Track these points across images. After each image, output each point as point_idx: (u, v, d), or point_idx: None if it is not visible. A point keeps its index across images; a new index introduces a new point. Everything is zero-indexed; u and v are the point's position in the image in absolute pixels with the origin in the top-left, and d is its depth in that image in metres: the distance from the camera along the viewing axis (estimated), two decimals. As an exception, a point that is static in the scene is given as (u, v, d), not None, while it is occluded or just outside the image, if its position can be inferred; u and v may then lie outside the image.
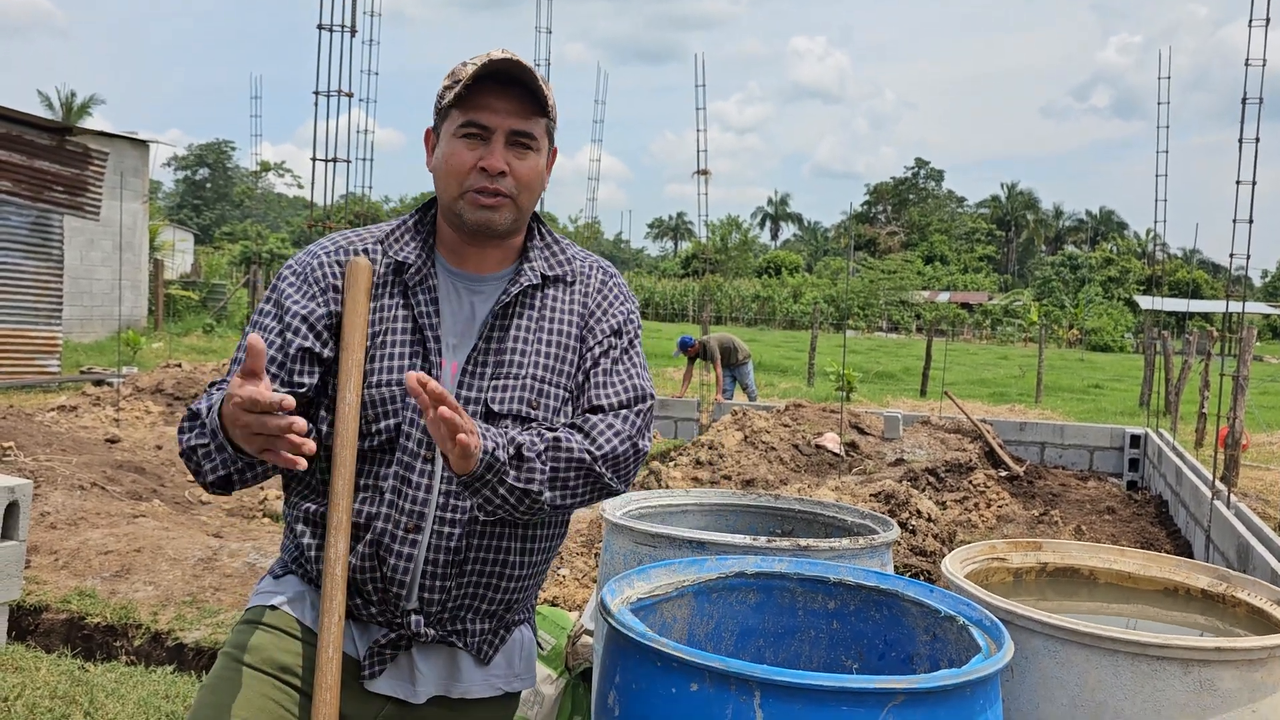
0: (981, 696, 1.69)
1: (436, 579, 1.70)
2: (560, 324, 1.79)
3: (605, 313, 1.83)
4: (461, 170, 1.70)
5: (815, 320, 21.33)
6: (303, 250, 1.82)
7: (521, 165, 1.72)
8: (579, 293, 1.82)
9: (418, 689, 1.73)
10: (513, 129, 1.70)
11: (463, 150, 1.70)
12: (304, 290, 1.74)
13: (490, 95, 1.69)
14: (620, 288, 1.88)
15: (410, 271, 1.74)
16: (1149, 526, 7.92)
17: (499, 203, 1.70)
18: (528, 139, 1.72)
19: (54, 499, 5.78)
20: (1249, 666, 1.94)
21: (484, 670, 1.80)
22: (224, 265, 37.63)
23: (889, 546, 2.63)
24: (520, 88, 1.70)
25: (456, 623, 1.74)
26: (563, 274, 1.82)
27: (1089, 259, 62.62)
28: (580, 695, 3.00)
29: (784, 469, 9.14)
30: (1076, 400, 18.96)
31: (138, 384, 11.06)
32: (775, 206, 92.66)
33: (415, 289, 1.73)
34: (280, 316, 1.73)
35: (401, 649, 1.72)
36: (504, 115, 1.69)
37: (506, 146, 1.70)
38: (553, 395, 1.75)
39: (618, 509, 2.85)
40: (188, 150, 76.66)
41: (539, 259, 1.81)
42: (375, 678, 1.71)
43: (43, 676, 3.68)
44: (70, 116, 44.54)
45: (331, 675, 1.59)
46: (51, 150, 13.43)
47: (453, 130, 1.71)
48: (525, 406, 1.72)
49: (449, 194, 1.73)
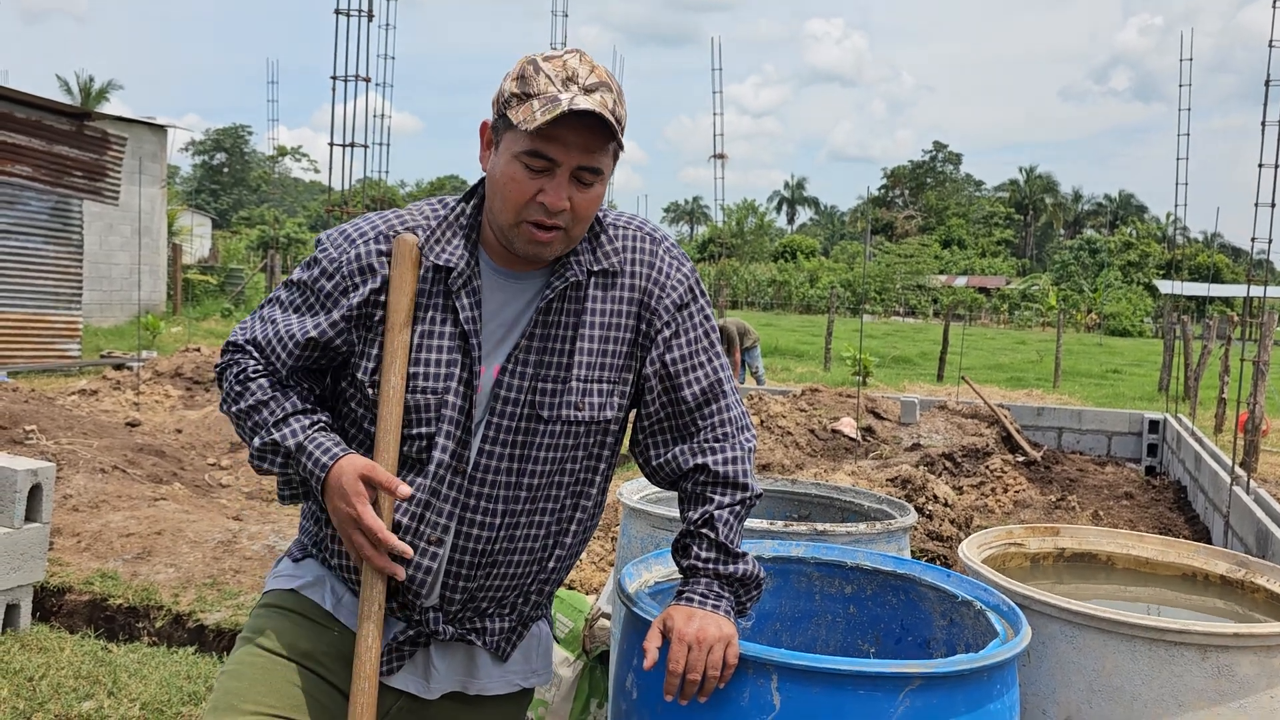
0: (999, 681, 1.70)
1: (460, 579, 1.68)
2: (609, 316, 1.70)
3: (664, 289, 1.72)
4: (520, 200, 1.58)
5: (832, 305, 21.27)
6: (337, 231, 1.73)
7: (583, 198, 1.60)
8: (628, 276, 1.71)
9: (432, 685, 1.72)
10: (581, 164, 1.58)
11: (524, 179, 1.58)
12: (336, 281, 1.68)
13: (563, 128, 1.55)
14: (670, 253, 1.75)
15: (454, 275, 1.65)
16: (1167, 512, 7.89)
17: (552, 237, 1.61)
18: (593, 173, 1.60)
19: (76, 482, 5.84)
20: (1267, 652, 1.93)
21: (501, 667, 1.78)
22: (241, 250, 37.77)
23: (906, 531, 2.64)
24: (596, 120, 1.56)
25: (476, 620, 1.73)
26: (608, 266, 1.70)
27: (1108, 243, 62.13)
28: (598, 678, 3.01)
29: (800, 453, 9.14)
30: (1095, 385, 18.86)
31: (157, 368, 11.13)
32: (792, 190, 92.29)
33: (460, 293, 1.65)
34: (309, 299, 1.69)
35: (420, 645, 1.71)
36: (574, 150, 1.57)
37: (570, 178, 1.59)
38: (598, 393, 1.69)
39: (635, 493, 2.86)
40: (205, 135, 76.99)
41: (584, 251, 1.70)
42: (392, 674, 1.70)
43: (67, 657, 3.73)
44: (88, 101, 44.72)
45: (370, 664, 1.59)
46: (71, 135, 13.50)
47: (516, 151, 1.58)
48: (570, 410, 1.67)
49: (504, 218, 1.61)
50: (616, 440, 1.77)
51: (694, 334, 1.74)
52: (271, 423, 1.65)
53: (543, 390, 1.66)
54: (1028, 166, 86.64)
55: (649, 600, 1.85)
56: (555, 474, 1.70)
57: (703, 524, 1.69)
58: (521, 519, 1.68)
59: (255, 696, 1.62)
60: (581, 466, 1.72)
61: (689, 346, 1.73)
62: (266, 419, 1.66)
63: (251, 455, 1.68)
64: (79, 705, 3.34)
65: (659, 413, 1.74)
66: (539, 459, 1.67)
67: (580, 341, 1.68)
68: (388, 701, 1.71)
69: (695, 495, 1.72)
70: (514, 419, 1.65)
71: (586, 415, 1.68)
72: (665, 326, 1.71)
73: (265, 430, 1.65)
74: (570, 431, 1.68)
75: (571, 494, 1.73)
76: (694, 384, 1.72)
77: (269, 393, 1.67)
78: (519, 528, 1.69)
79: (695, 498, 1.72)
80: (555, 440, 1.67)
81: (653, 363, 1.71)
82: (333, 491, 1.60)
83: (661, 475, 1.78)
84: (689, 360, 1.73)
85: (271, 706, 1.62)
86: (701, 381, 1.73)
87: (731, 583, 1.69)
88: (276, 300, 1.74)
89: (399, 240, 1.65)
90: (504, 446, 1.65)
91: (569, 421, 1.67)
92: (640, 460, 1.80)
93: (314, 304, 1.69)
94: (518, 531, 1.69)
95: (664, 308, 1.71)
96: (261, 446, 1.65)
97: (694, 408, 1.73)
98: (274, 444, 1.64)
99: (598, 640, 3.01)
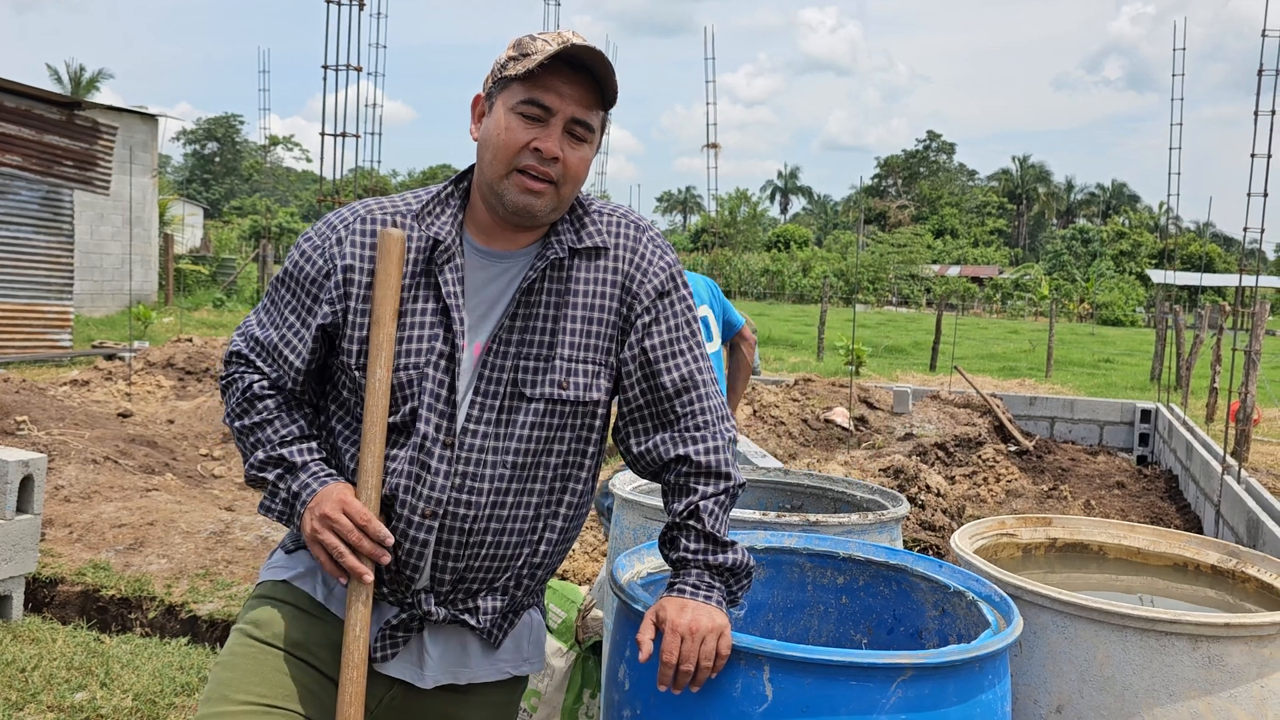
0: (990, 671, 1.70)
1: (449, 559, 1.68)
2: (592, 297, 1.71)
3: (645, 274, 1.74)
4: (514, 147, 1.63)
5: (825, 294, 21.25)
6: (323, 221, 1.76)
7: (573, 155, 1.65)
8: (611, 259, 1.73)
9: (425, 673, 1.72)
10: (574, 116, 1.64)
11: (519, 128, 1.62)
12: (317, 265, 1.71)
13: (559, 78, 1.62)
14: (654, 241, 1.78)
15: (439, 250, 1.67)
16: (1159, 501, 7.92)
17: (544, 189, 1.63)
18: (585, 129, 1.66)
19: (68, 473, 5.82)
20: (1258, 642, 1.94)
21: (492, 655, 1.78)
22: (233, 240, 37.64)
23: (898, 522, 2.64)
24: (589, 75, 1.63)
25: (469, 599, 1.72)
26: (592, 245, 1.73)
27: (1100, 232, 62.25)
28: (590, 668, 3.02)
29: (793, 443, 9.15)
30: (1087, 375, 18.90)
31: (149, 358, 11.10)
32: (785, 180, 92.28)
33: (443, 268, 1.67)
34: (296, 293, 1.72)
35: (413, 631, 1.71)
36: (569, 101, 1.63)
37: (563, 132, 1.64)
38: (583, 373, 1.70)
39: (627, 484, 2.86)
40: (196, 124, 76.57)
41: (567, 231, 1.72)
42: (386, 661, 1.70)
43: (59, 648, 3.72)
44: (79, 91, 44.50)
45: (359, 654, 1.59)
46: (61, 125, 13.44)
47: (512, 104, 1.63)
48: (555, 388, 1.68)
49: (495, 170, 1.65)
50: (604, 424, 1.78)
51: (674, 322, 1.75)
52: (277, 441, 1.71)
53: (525, 368, 1.68)
54: (1021, 156, 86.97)
55: (642, 591, 1.86)
56: (542, 454, 1.70)
57: (689, 515, 1.70)
58: (508, 498, 1.69)
59: (247, 686, 1.63)
60: (569, 449, 1.73)
61: (669, 334, 1.74)
62: (271, 437, 1.72)
63: (250, 468, 1.72)
64: (72, 696, 3.34)
65: (638, 399, 1.75)
66: (524, 437, 1.68)
67: (564, 321, 1.70)
68: (380, 691, 1.71)
69: (679, 487, 1.73)
70: (497, 397, 1.67)
71: (571, 394, 1.69)
72: (645, 312, 1.73)
73: (271, 447, 1.71)
74: (555, 410, 1.69)
75: (560, 475, 1.74)
76: (673, 371, 1.73)
77: (274, 413, 1.73)
78: (506, 507, 1.69)
79: (679, 489, 1.73)
80: (540, 419, 1.68)
81: (631, 348, 1.73)
82: (317, 503, 1.64)
83: (643, 464, 1.78)
84: (669, 348, 1.74)
85: (263, 696, 1.62)
86: (681, 369, 1.74)
87: (722, 572, 1.69)
88: (272, 302, 1.77)
89: (384, 233, 1.66)
90: (488, 425, 1.66)
91: (553, 400, 1.69)
92: (623, 449, 1.81)
93: (304, 298, 1.72)
94: (505, 511, 1.69)
95: (645, 293, 1.73)
96: (265, 459, 1.71)
97: (672, 395, 1.74)
98: (279, 458, 1.70)
99: (590, 631, 3.02)
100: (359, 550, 1.60)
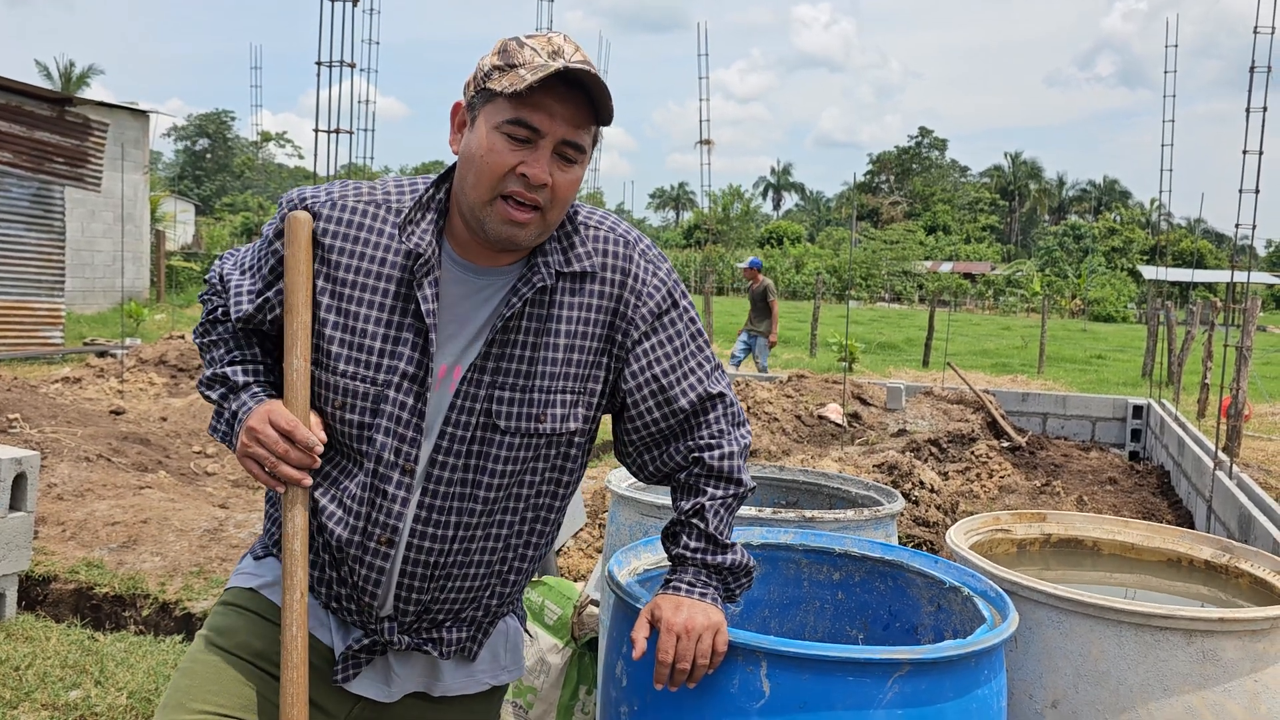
0: (986, 667, 1.71)
1: (413, 591, 1.61)
2: (576, 324, 1.61)
3: (639, 296, 1.64)
4: (498, 171, 1.50)
5: (818, 291, 21.26)
6: (313, 190, 1.64)
7: (563, 177, 1.52)
8: (599, 282, 1.62)
9: (392, 689, 1.68)
10: (565, 138, 1.51)
11: (504, 149, 1.49)
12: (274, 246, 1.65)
13: (550, 95, 1.48)
14: (646, 256, 1.66)
15: (420, 263, 1.55)
16: (1151, 497, 7.94)
17: (529, 219, 1.52)
18: (576, 150, 1.53)
19: (60, 470, 5.81)
20: (1251, 637, 1.95)
21: (468, 667, 1.73)
22: (225, 236, 37.56)
23: (893, 518, 2.64)
24: (582, 92, 1.50)
25: (433, 631, 1.66)
26: (580, 270, 1.61)
27: (1092, 229, 62.38)
28: (586, 665, 3.02)
29: (787, 440, 9.16)
30: (1079, 371, 18.96)
31: (141, 355, 11.06)
32: (778, 176, 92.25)
33: (422, 281, 1.55)
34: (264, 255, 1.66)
35: (377, 653, 1.66)
36: (560, 121, 1.49)
37: (552, 154, 1.51)
38: (560, 403, 1.61)
39: (623, 481, 2.86)
40: (188, 120, 76.26)
41: (554, 252, 1.60)
42: (349, 680, 1.65)
43: (53, 646, 3.72)
44: (69, 87, 44.33)
45: (297, 654, 1.53)
46: (52, 121, 13.38)
47: (497, 122, 1.50)
48: (530, 422, 1.59)
49: (478, 194, 1.52)
50: (581, 451, 1.70)
51: (679, 341, 1.68)
52: (224, 361, 1.66)
53: (500, 399, 1.58)
54: (1013, 152, 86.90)
55: (638, 588, 1.86)
56: (513, 486, 1.62)
57: (693, 514, 1.68)
58: (477, 532, 1.62)
59: (205, 695, 1.59)
60: (542, 479, 1.65)
61: (677, 355, 1.67)
62: (222, 357, 1.67)
63: (199, 383, 1.69)
64: (66, 694, 3.33)
65: (654, 424, 1.68)
66: (495, 471, 1.59)
67: (544, 350, 1.60)
68: (346, 704, 1.67)
69: (688, 486, 1.70)
70: (469, 428, 1.57)
71: (548, 427, 1.61)
72: (645, 337, 1.64)
73: (219, 365, 1.67)
74: (529, 444, 1.61)
75: (533, 506, 1.66)
76: (688, 392, 1.67)
77: (228, 337, 1.69)
78: (474, 540, 1.62)
79: (688, 488, 1.70)
80: (513, 453, 1.60)
81: (637, 376, 1.65)
82: (251, 420, 1.58)
83: (651, 471, 1.74)
84: (680, 369, 1.67)
85: (221, 706, 1.59)
86: (696, 388, 1.68)
87: (720, 571, 1.68)
88: (251, 251, 1.73)
89: (291, 218, 1.57)
90: (457, 457, 1.58)
91: (528, 434, 1.60)
92: (632, 467, 1.76)
93: (262, 265, 1.66)
94: (473, 545, 1.62)
95: (640, 317, 1.64)
96: (211, 377, 1.67)
97: (690, 414, 1.69)
98: (223, 377, 1.65)
99: (586, 627, 3.02)
100: (288, 460, 1.55)
